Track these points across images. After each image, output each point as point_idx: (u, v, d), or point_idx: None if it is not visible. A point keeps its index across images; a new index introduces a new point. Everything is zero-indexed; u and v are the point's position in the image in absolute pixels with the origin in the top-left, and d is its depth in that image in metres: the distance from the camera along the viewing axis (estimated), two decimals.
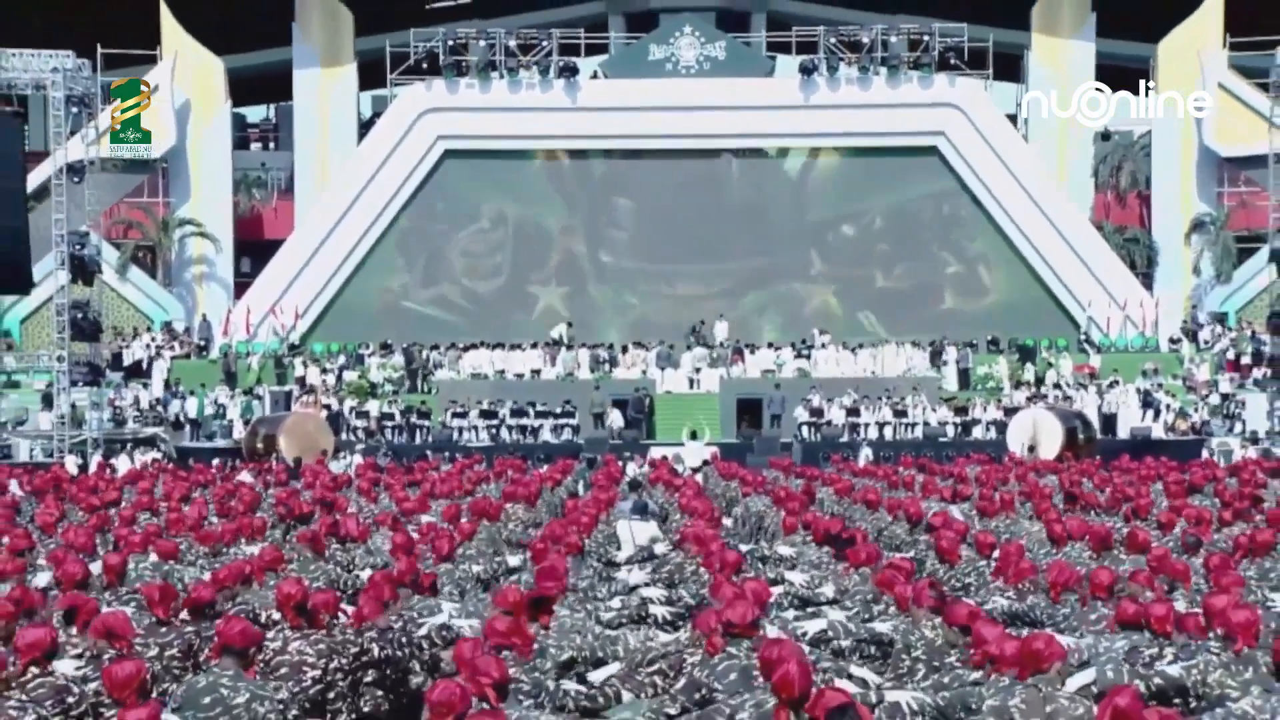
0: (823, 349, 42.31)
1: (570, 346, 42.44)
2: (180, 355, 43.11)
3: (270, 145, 51.28)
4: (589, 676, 7.91)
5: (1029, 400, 38.47)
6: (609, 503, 17.89)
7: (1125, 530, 13.22)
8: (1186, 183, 45.69)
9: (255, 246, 47.36)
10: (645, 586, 10.79)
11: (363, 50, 45.85)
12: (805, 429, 38.38)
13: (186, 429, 39.22)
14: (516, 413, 38.83)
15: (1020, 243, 43.70)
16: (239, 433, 36.94)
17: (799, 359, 42.02)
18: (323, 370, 41.71)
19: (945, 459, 30.15)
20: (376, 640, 8.58)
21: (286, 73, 46.30)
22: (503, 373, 41.48)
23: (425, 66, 43.54)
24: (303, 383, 40.85)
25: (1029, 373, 41.53)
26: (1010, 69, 46.74)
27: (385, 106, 46.00)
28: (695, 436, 34.55)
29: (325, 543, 12.53)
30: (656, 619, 9.83)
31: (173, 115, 44.08)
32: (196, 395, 39.87)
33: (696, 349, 42.18)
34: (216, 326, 43.94)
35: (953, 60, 43.15)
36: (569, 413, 38.66)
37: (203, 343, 43.95)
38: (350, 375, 41.35)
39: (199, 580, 10.43)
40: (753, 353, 42.41)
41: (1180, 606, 8.77)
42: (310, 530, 12.99)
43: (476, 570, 11.81)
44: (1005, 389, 40.67)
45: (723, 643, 7.35)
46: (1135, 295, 43.56)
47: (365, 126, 47.02)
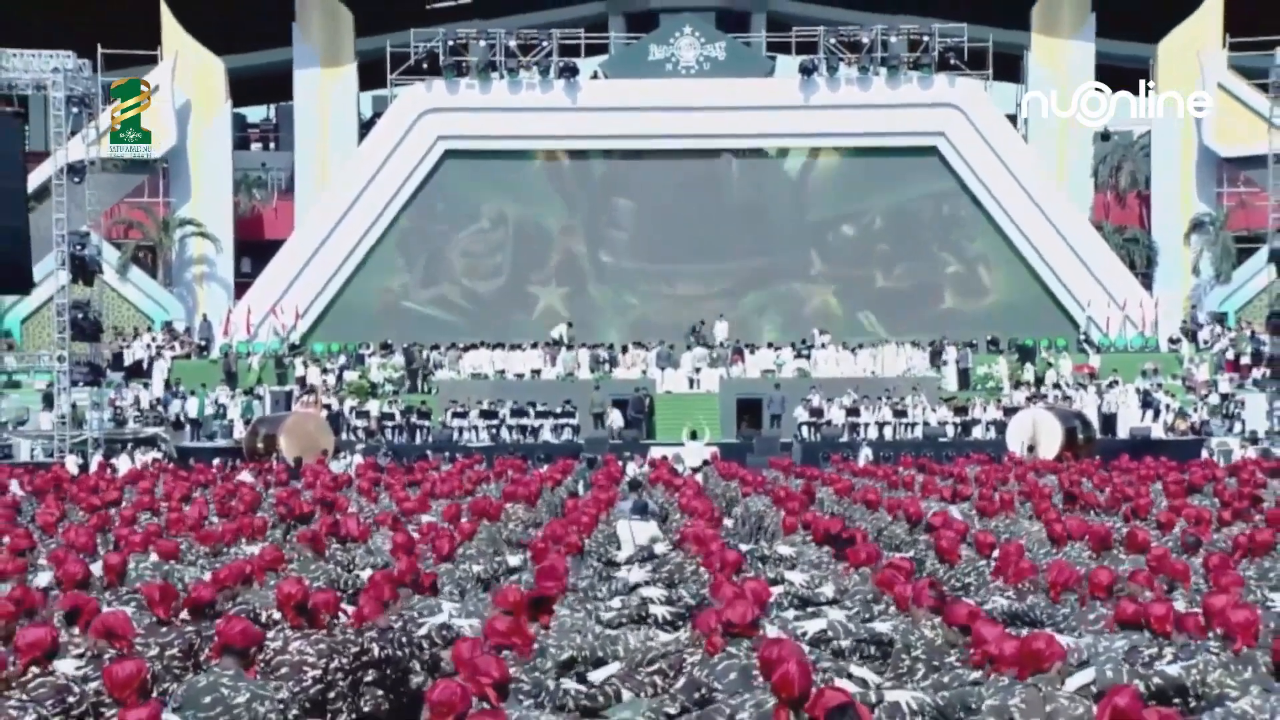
0: (822, 349, 42.34)
1: (570, 346, 42.48)
2: (181, 355, 43.14)
3: (270, 145, 51.31)
4: (589, 676, 7.93)
5: (1029, 400, 38.50)
6: (609, 503, 17.90)
7: (1125, 530, 13.23)
8: (1186, 183, 45.73)
9: (256, 246, 47.40)
10: (645, 586, 10.81)
11: (363, 50, 45.87)
12: (805, 429, 38.40)
13: (187, 429, 39.26)
14: (517, 413, 38.87)
15: (1020, 243, 43.74)
16: (239, 433, 36.98)
17: (799, 359, 42.05)
18: (323, 370, 41.74)
19: (945, 459, 30.18)
20: (377, 640, 8.58)
21: (287, 73, 46.32)
22: (503, 373, 41.52)
23: (425, 67, 43.58)
24: (303, 383, 40.89)
25: (1029, 373, 41.56)
26: (1010, 69, 46.76)
27: (385, 107, 46.04)
28: (695, 437, 34.57)
29: (325, 542, 12.54)
30: (657, 619, 9.84)
31: (173, 115, 44.12)
32: (197, 395, 39.90)
33: (696, 349, 42.23)
34: (217, 326, 43.97)
35: (952, 60, 43.18)
36: (569, 413, 38.69)
37: (203, 343, 43.99)
38: (350, 375, 41.39)
39: (199, 580, 10.44)
40: (752, 353, 42.45)
41: (1180, 606, 8.76)
42: (310, 530, 12.99)
43: (477, 570, 11.83)
44: (1005, 389, 40.71)
45: (722, 642, 7.36)
46: (1135, 295, 43.60)
47: (365, 127, 47.06)
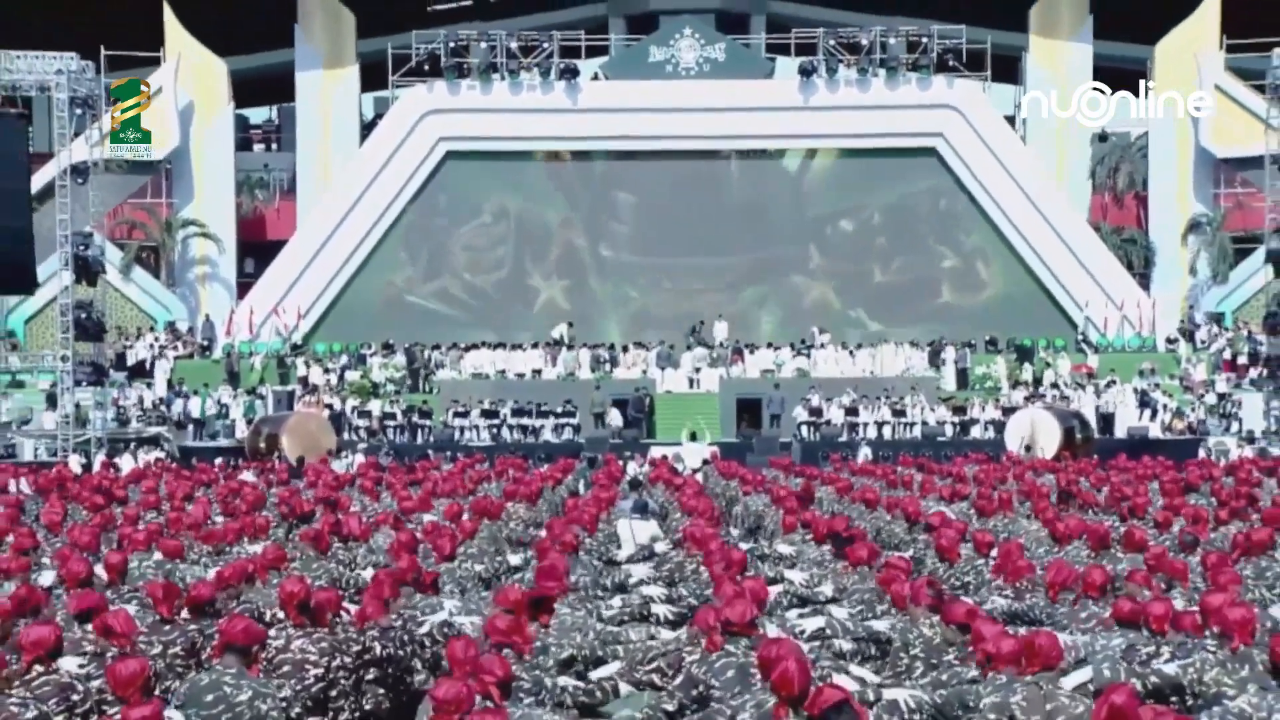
0: (822, 349, 42.42)
1: (571, 346, 42.61)
2: (183, 355, 43.21)
3: (273, 146, 51.34)
4: (589, 675, 8.00)
5: (1027, 400, 38.54)
6: (609, 502, 17.94)
7: (1122, 529, 13.29)
8: (1183, 184, 45.78)
9: (258, 247, 47.47)
10: (647, 585, 10.87)
11: (365, 52, 45.90)
12: (804, 429, 38.47)
13: (189, 429, 39.29)
14: (518, 412, 38.94)
15: (1018, 243, 43.83)
16: (242, 432, 37.05)
17: (798, 358, 42.14)
18: (325, 370, 41.83)
19: (944, 458, 30.19)
20: (379, 638, 8.58)
21: (289, 74, 46.36)
22: (504, 372, 41.62)
23: (427, 68, 43.64)
24: (305, 382, 40.98)
25: (1027, 372, 41.64)
26: (1008, 71, 46.80)
27: (387, 108, 46.10)
28: (695, 438, 34.57)
29: (328, 541, 12.60)
30: (658, 617, 9.90)
31: (176, 117, 44.20)
32: (199, 395, 39.98)
33: (696, 349, 42.33)
34: (219, 326, 44.05)
35: (951, 62, 43.23)
36: (570, 412, 38.77)
37: (206, 343, 44.06)
38: (352, 375, 41.49)
39: (200, 579, 10.50)
40: (752, 353, 42.54)
41: (1178, 605, 8.77)
42: (313, 529, 13.02)
43: (478, 569, 11.89)
44: (1003, 389, 40.78)
45: (722, 640, 7.40)
46: (1132, 295, 43.68)
47: (367, 128, 47.12)
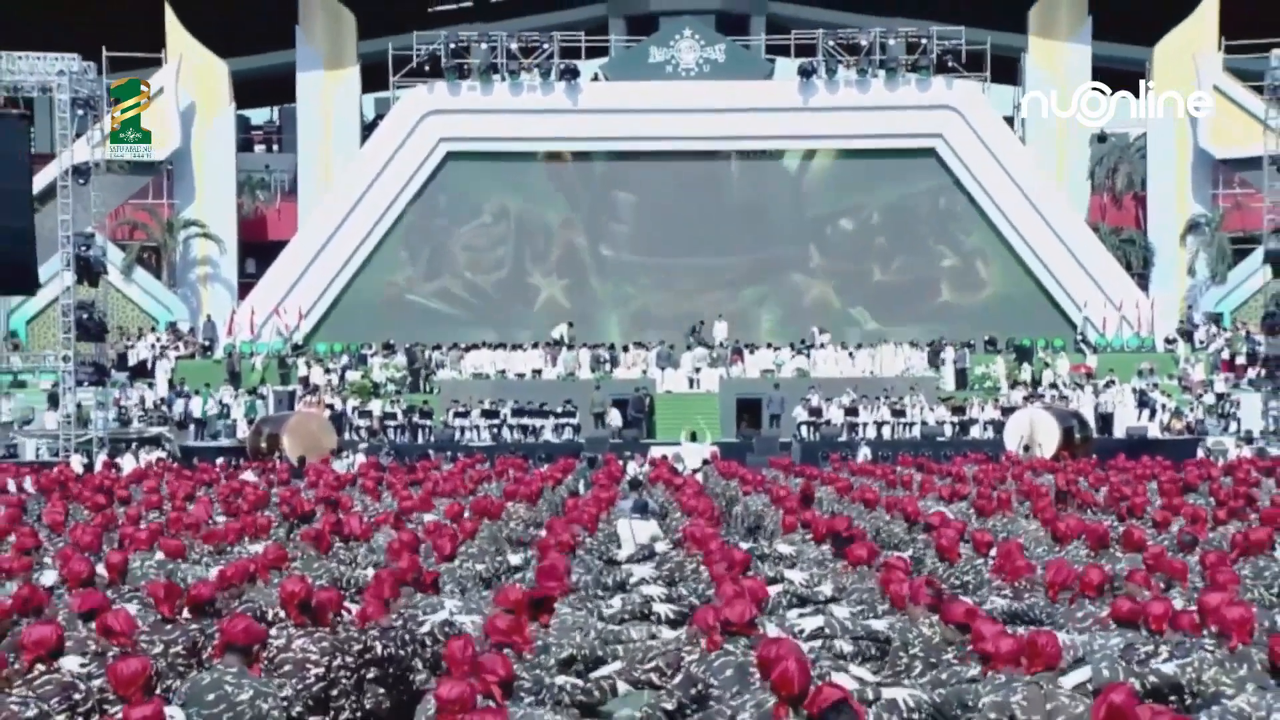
0: (821, 349, 42.47)
1: (571, 346, 42.67)
2: (185, 355, 43.26)
3: (274, 147, 51.35)
4: (590, 675, 8.03)
5: (1026, 400, 38.58)
6: (609, 502, 17.99)
7: (1121, 529, 13.32)
8: (1182, 184, 45.82)
9: (259, 247, 47.51)
10: (647, 584, 10.91)
11: (365, 53, 45.94)
12: (804, 428, 38.50)
13: (191, 428, 39.34)
14: (518, 412, 38.98)
15: (1017, 244, 43.88)
16: (243, 432, 37.11)
17: (798, 358, 42.18)
18: (326, 370, 41.88)
19: (943, 458, 30.23)
20: (379, 638, 8.60)
21: (290, 75, 46.40)
22: (504, 373, 41.67)
23: (427, 69, 43.68)
24: (306, 382, 41.03)
25: (1026, 373, 41.68)
26: (1007, 71, 46.84)
27: (388, 109, 46.16)
28: (695, 439, 34.59)
29: (329, 541, 12.64)
30: (659, 616, 9.93)
31: (177, 117, 44.26)
32: (201, 395, 40.03)
33: (696, 349, 42.38)
34: (221, 327, 44.11)
35: (950, 63, 43.26)
36: (570, 412, 38.80)
37: (207, 343, 44.12)
38: (353, 375, 41.54)
39: (201, 578, 10.54)
40: (752, 353, 42.60)
41: (1177, 605, 8.77)
42: (314, 529, 13.07)
43: (479, 569, 11.93)
44: (1002, 389, 40.83)
45: (721, 640, 7.42)
46: (1131, 296, 43.72)
47: (368, 129, 47.17)
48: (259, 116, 52.78)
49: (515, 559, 12.58)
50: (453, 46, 43.36)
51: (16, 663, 7.15)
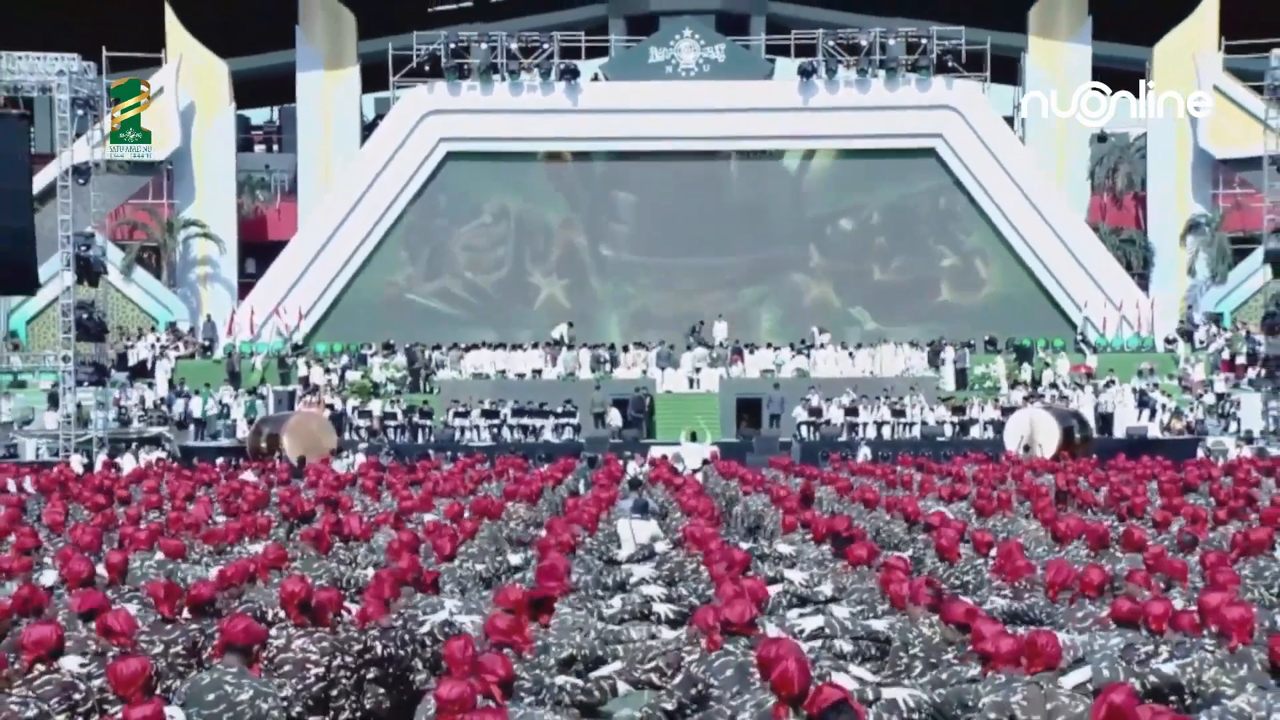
0: (821, 349, 42.49)
1: (571, 346, 42.71)
2: (185, 355, 43.28)
3: (274, 147, 51.37)
4: (590, 675, 8.03)
5: (1026, 400, 38.60)
6: (609, 502, 17.99)
7: (1121, 529, 13.33)
8: (1182, 184, 45.85)
9: (259, 247, 47.53)
10: (647, 584, 10.91)
11: (365, 53, 45.96)
12: (804, 428, 38.51)
13: (191, 428, 39.37)
14: (518, 412, 39.01)
15: (1017, 244, 43.91)
16: (243, 432, 37.13)
17: (798, 358, 42.20)
18: (326, 370, 41.90)
19: (943, 458, 30.23)
20: (380, 638, 8.61)
21: (290, 75, 46.42)
22: (504, 372, 41.70)
23: (427, 69, 43.71)
24: (306, 382, 41.05)
25: (1026, 373, 41.70)
26: (1007, 71, 46.86)
27: (388, 109, 46.18)
28: (695, 439, 34.61)
29: (329, 541, 12.65)
30: (659, 616, 9.94)
31: (177, 117, 44.29)
32: (201, 395, 40.05)
33: (696, 349, 42.41)
34: (220, 327, 44.14)
35: (950, 63, 43.29)
36: (570, 412, 38.82)
37: (207, 343, 44.14)
38: (353, 375, 41.56)
39: (201, 578, 10.55)
40: (752, 353, 42.62)
41: (1178, 605, 8.77)
42: (314, 529, 13.08)
43: (479, 569, 11.93)
44: (1002, 389, 40.85)
45: (721, 640, 7.42)
46: (1131, 296, 43.75)
47: (368, 129, 47.19)
48: (259, 116, 52.82)
49: (515, 559, 12.58)
50: (453, 46, 43.39)
51: (16, 663, 7.16)
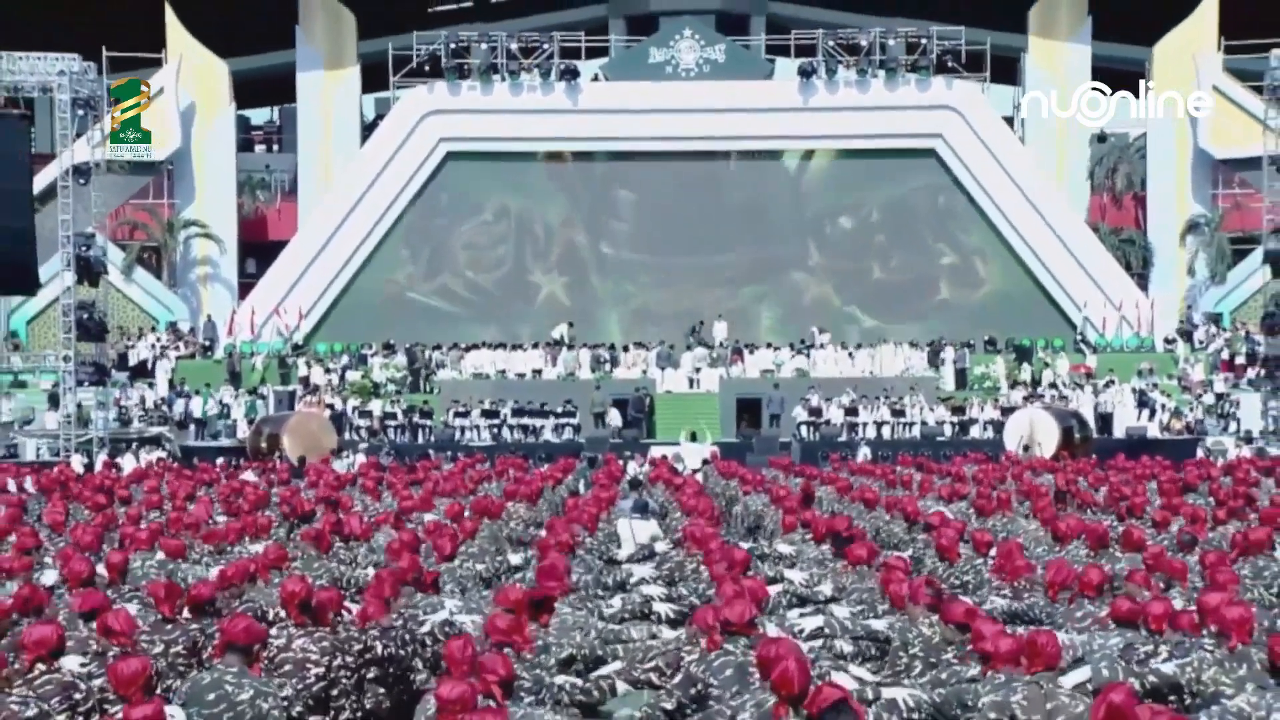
0: (821, 349, 42.51)
1: (571, 346, 42.73)
2: (185, 355, 43.29)
3: (274, 147, 51.38)
4: (590, 675, 8.04)
5: (1025, 400, 38.61)
6: (609, 501, 18.00)
7: (1121, 529, 13.33)
8: (1181, 184, 45.86)
9: (259, 247, 47.54)
10: (647, 584, 10.92)
11: (365, 53, 45.97)
12: (804, 428, 38.53)
13: (191, 428, 39.38)
14: (518, 412, 39.02)
15: (1017, 244, 43.92)
16: (243, 432, 37.14)
17: (798, 358, 42.21)
18: (326, 370, 41.91)
19: (943, 458, 30.25)
20: (380, 638, 8.61)
21: (290, 75, 46.43)
22: (504, 372, 41.72)
23: (428, 69, 43.73)
24: (306, 382, 41.07)
25: (1025, 373, 41.72)
26: (1007, 71, 46.86)
27: (388, 109, 46.19)
28: (695, 439, 34.61)
29: (329, 541, 12.65)
30: (659, 616, 9.94)
31: (177, 118, 44.30)
32: (201, 395, 40.06)
33: (696, 349, 42.43)
34: (221, 327, 44.16)
35: (950, 63, 43.31)
36: (570, 412, 38.84)
37: (207, 343, 44.15)
38: (353, 375, 41.57)
39: (201, 578, 10.55)
40: (752, 353, 42.64)
41: (1177, 605, 8.78)
42: (314, 529, 13.09)
43: (479, 569, 11.94)
44: (1002, 389, 40.86)
45: (721, 640, 7.42)
46: (1131, 296, 43.77)
47: (368, 129, 47.21)
48: (259, 116, 52.83)
49: (515, 559, 12.59)
50: (453, 46, 43.41)
51: (17, 663, 7.16)
